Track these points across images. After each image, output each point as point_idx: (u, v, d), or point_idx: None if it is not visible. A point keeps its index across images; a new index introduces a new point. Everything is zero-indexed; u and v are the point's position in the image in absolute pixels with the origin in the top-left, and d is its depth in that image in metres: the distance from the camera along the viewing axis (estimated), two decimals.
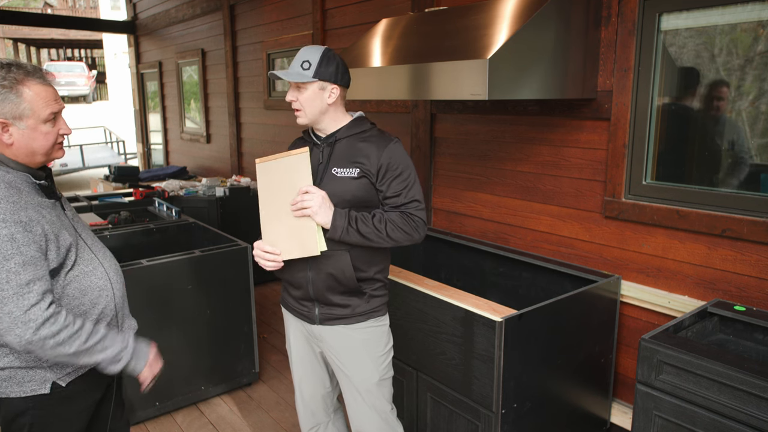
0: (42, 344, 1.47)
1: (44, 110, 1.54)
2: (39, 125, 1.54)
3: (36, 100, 1.53)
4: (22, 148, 1.55)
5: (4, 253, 1.43)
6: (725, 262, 2.27)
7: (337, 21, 4.33)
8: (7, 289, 1.43)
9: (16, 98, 1.50)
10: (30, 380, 1.57)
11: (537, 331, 2.20)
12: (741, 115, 2.22)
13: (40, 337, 1.46)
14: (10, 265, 1.43)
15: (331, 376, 2.12)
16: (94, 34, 23.92)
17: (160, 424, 3.00)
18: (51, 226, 1.55)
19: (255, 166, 1.96)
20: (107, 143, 14.04)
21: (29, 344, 1.45)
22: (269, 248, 1.87)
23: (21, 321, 1.44)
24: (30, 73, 1.54)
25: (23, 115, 1.52)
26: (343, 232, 1.78)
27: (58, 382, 1.60)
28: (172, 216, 4.02)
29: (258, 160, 1.94)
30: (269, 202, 1.90)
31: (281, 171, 1.87)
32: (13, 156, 1.55)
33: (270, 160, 1.91)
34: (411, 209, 1.85)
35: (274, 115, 5.31)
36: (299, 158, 1.83)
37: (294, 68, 1.83)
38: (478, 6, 2.60)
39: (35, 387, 1.58)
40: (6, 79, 1.49)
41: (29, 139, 1.54)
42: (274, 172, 1.89)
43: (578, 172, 2.74)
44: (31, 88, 1.52)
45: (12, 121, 1.51)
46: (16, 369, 1.55)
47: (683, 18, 2.31)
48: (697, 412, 1.77)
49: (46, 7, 26.87)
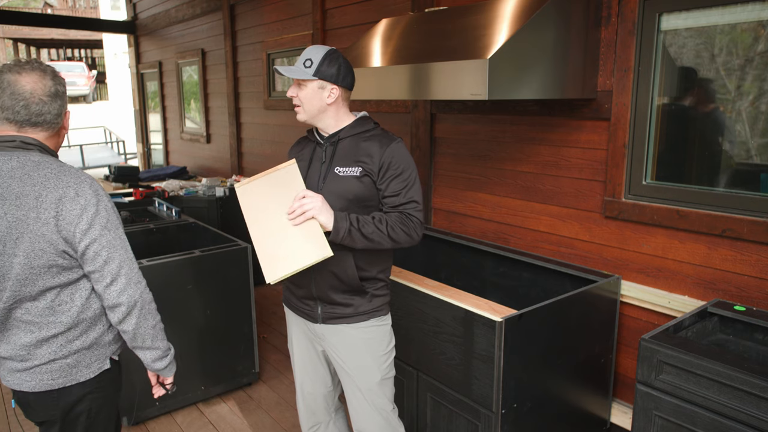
0: (142, 306, 1.61)
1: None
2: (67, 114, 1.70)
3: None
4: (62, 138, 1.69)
5: (116, 223, 1.60)
6: (725, 262, 2.27)
7: (337, 21, 4.33)
8: (123, 254, 1.59)
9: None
10: (96, 359, 1.66)
11: (537, 331, 2.20)
12: (741, 115, 2.22)
13: (145, 299, 1.62)
14: (120, 233, 1.60)
15: (332, 376, 2.12)
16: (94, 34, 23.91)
17: (160, 424, 3.00)
18: None
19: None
20: (107, 143, 14.05)
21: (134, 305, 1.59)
22: None
23: (134, 281, 1.59)
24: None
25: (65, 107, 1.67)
26: (345, 234, 1.76)
27: (113, 356, 1.72)
28: (172, 216, 4.02)
29: (237, 185, 1.89)
30: (260, 222, 1.82)
31: (269, 187, 1.84)
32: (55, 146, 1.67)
33: (252, 181, 1.87)
34: (409, 209, 1.85)
35: (274, 115, 5.31)
36: (288, 170, 1.82)
37: (297, 65, 1.86)
38: (478, 6, 2.60)
39: (100, 364, 1.67)
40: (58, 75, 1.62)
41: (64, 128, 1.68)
42: (259, 191, 1.85)
43: (578, 172, 2.74)
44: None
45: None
46: (83, 351, 1.63)
47: (683, 18, 2.31)
48: (697, 412, 1.77)
49: (46, 7, 26.86)
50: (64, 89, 1.62)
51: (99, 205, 1.55)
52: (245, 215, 1.85)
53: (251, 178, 1.90)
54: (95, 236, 1.53)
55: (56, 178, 1.52)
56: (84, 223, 1.51)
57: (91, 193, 1.55)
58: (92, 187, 1.56)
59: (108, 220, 1.56)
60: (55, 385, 1.60)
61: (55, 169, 1.54)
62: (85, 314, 1.61)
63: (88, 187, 1.55)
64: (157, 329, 1.68)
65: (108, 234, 1.55)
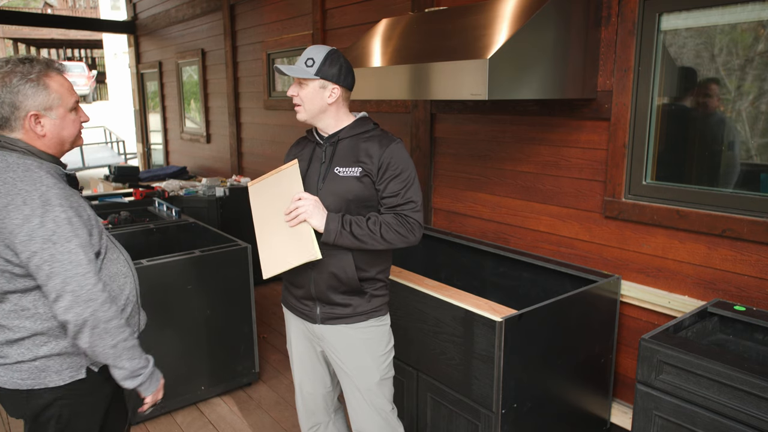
0: (95, 326, 1.51)
1: (70, 99, 1.62)
2: (67, 114, 1.62)
3: (62, 89, 1.60)
4: (54, 138, 1.61)
5: (65, 235, 1.49)
6: (725, 262, 2.27)
7: (337, 21, 4.33)
8: (70, 269, 1.48)
9: (45, 90, 1.57)
10: (68, 367, 1.61)
11: (537, 331, 2.20)
12: (741, 115, 2.22)
13: (99, 318, 1.51)
14: (70, 247, 1.49)
15: (331, 376, 2.12)
16: (94, 34, 23.91)
17: (160, 424, 3.00)
18: (91, 212, 1.63)
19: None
20: (107, 143, 14.05)
21: (84, 324, 1.50)
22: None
23: (83, 299, 1.49)
24: (49, 66, 1.61)
25: (53, 105, 1.59)
26: (337, 236, 1.79)
27: (91, 367, 1.65)
28: (172, 216, 4.02)
29: (250, 184, 1.98)
30: (264, 221, 1.92)
31: (272, 187, 1.90)
32: (44, 148, 1.61)
33: (260, 181, 1.96)
34: (407, 210, 1.85)
35: (274, 115, 5.31)
36: (290, 171, 1.87)
37: (298, 64, 1.86)
38: (478, 6, 2.60)
39: (73, 373, 1.61)
40: (32, 73, 1.55)
41: (59, 128, 1.61)
42: (265, 191, 1.92)
43: (578, 172, 2.74)
44: (55, 79, 1.60)
45: (44, 112, 1.58)
46: (53, 357, 1.59)
47: (683, 18, 2.31)
48: (697, 412, 1.77)
49: (46, 7, 26.86)
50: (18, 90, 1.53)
51: (45, 217, 1.46)
52: (253, 213, 1.93)
53: (260, 177, 1.96)
54: (36, 249, 1.45)
55: (12, 183, 1.47)
56: (23, 234, 1.45)
57: (39, 203, 1.47)
58: (44, 197, 1.48)
59: (54, 233, 1.47)
60: (23, 385, 1.58)
61: (19, 174, 1.49)
62: (52, 322, 1.55)
63: (38, 197, 1.47)
64: (120, 349, 1.57)
65: (52, 248, 1.46)
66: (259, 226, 1.93)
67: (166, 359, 2.96)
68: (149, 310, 2.84)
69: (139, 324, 1.82)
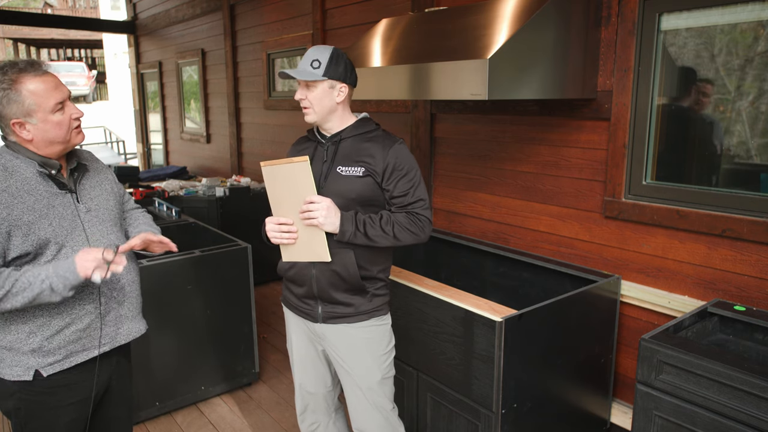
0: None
1: (48, 101, 1.61)
2: (48, 116, 1.61)
3: (37, 93, 1.59)
4: (41, 141, 1.63)
5: None
6: (725, 262, 2.27)
7: (337, 21, 4.33)
8: None
9: (18, 97, 1.56)
10: (16, 365, 1.63)
11: (537, 331, 2.20)
12: (741, 115, 2.22)
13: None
14: None
15: (332, 375, 2.12)
16: (94, 34, 23.90)
17: (160, 424, 3.00)
18: (28, 214, 1.58)
19: (258, 166, 1.97)
20: (107, 143, 14.05)
21: None
22: (283, 219, 1.86)
23: None
24: (23, 70, 1.59)
25: (31, 111, 1.59)
26: (351, 236, 1.82)
27: (40, 371, 1.65)
28: (172, 216, 4.02)
29: (263, 164, 1.93)
30: (278, 205, 1.91)
31: (284, 176, 1.88)
32: (36, 149, 1.64)
33: (275, 165, 1.91)
34: (417, 208, 1.88)
35: (274, 115, 5.31)
36: (300, 167, 1.81)
37: (303, 67, 1.85)
38: (478, 6, 2.60)
39: (20, 372, 1.63)
40: (3, 82, 1.56)
41: (44, 131, 1.61)
42: (278, 176, 1.90)
43: (578, 172, 2.74)
44: (29, 84, 1.58)
45: (24, 119, 1.59)
46: (2, 350, 1.62)
47: (683, 18, 2.31)
48: (697, 412, 1.77)
49: (46, 7, 26.85)
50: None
51: None
52: (268, 193, 1.91)
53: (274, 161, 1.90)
54: None
55: None
56: None
57: None
58: None
59: None
60: None
61: None
62: None
63: None
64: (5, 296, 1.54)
65: None
66: (275, 208, 1.93)
67: (166, 359, 2.96)
68: (149, 310, 2.84)
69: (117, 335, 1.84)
